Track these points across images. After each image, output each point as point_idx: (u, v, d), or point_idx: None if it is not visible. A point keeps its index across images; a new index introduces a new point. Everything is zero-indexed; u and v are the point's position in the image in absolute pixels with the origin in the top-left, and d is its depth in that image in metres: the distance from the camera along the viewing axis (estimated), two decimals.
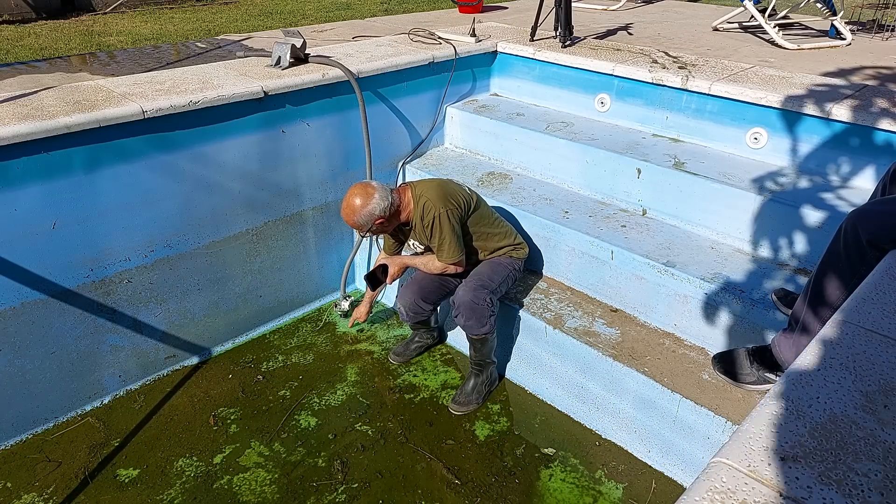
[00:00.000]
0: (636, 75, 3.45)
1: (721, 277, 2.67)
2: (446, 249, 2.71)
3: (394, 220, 2.73)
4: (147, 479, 2.57)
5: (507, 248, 2.91)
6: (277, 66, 3.21)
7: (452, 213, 2.68)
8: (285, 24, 7.74)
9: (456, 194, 2.74)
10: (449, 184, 2.80)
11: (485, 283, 2.79)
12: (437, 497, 2.50)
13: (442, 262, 2.76)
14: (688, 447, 2.51)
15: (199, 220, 3.00)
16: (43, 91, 2.77)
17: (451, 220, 2.68)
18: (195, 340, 3.21)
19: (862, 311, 1.39)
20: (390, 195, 2.65)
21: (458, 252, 2.73)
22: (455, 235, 2.70)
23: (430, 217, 2.68)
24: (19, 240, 2.50)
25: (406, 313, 2.98)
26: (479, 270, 2.86)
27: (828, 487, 0.95)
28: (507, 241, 2.91)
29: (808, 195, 2.79)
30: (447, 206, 2.67)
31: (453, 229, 2.69)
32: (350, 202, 2.61)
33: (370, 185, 2.64)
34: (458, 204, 2.72)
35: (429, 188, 2.73)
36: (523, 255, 2.97)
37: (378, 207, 2.61)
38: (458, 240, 2.73)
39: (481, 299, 2.74)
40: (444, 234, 2.68)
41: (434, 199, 2.68)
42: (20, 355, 2.66)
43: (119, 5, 9.05)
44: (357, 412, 2.92)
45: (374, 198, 2.60)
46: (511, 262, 2.91)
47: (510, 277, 2.92)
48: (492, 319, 2.79)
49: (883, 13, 5.33)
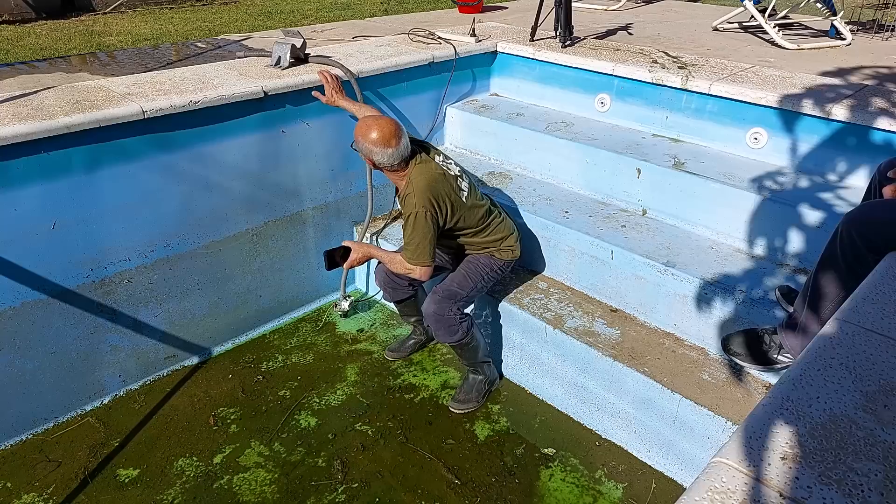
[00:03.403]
0: (636, 75, 3.45)
1: (721, 277, 2.67)
2: (413, 250, 2.54)
3: (385, 174, 2.60)
4: (147, 479, 2.57)
5: (492, 248, 2.79)
6: (277, 66, 3.21)
7: (431, 216, 2.50)
8: (285, 24, 7.74)
9: (444, 198, 2.55)
10: (443, 183, 2.57)
11: (452, 293, 2.72)
12: (437, 497, 2.50)
13: (406, 263, 2.59)
14: (688, 447, 2.51)
15: (199, 220, 3.00)
16: (43, 91, 2.77)
17: (427, 222, 2.50)
18: (195, 340, 3.21)
19: (862, 311, 1.39)
20: (399, 158, 2.48)
21: (427, 257, 2.55)
22: (427, 240, 2.52)
23: (407, 211, 2.52)
24: (19, 240, 2.50)
25: (384, 290, 3.00)
26: (452, 276, 2.79)
27: (828, 487, 0.95)
28: (494, 241, 2.78)
29: (808, 195, 2.79)
30: (428, 207, 2.49)
31: (427, 233, 2.51)
32: (370, 124, 2.46)
33: (395, 136, 2.44)
34: (441, 211, 2.55)
35: (422, 178, 2.52)
36: (510, 257, 2.83)
37: (379, 156, 2.46)
38: (430, 245, 2.54)
39: (446, 310, 2.69)
40: (416, 235, 2.51)
41: (420, 193, 2.49)
42: (20, 355, 2.66)
43: (119, 5, 9.05)
44: (357, 412, 2.92)
45: (387, 148, 2.44)
46: (490, 263, 2.79)
47: (488, 279, 2.82)
48: (463, 326, 2.73)
49: (883, 13, 5.33)
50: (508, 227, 2.85)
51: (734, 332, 2.43)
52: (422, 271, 2.59)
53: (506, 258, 2.82)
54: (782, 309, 2.45)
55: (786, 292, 2.48)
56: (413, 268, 2.58)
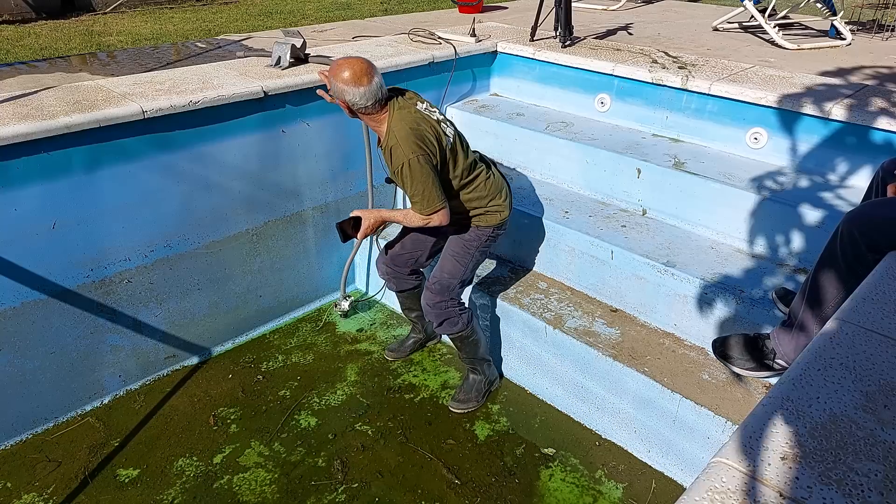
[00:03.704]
0: (636, 75, 3.45)
1: (721, 277, 2.67)
2: (421, 200, 2.40)
3: (360, 118, 2.48)
4: (147, 479, 2.57)
5: (479, 210, 2.63)
6: (277, 66, 3.21)
7: (424, 158, 2.36)
8: (285, 24, 7.74)
9: (429, 138, 2.42)
10: (425, 123, 2.43)
11: (445, 285, 2.69)
12: (437, 497, 2.50)
13: (421, 216, 2.45)
14: (688, 447, 2.51)
15: (199, 220, 3.00)
16: (43, 91, 2.77)
17: (423, 165, 2.36)
18: (195, 340, 3.21)
19: (862, 311, 1.39)
20: (373, 98, 2.35)
21: (438, 199, 2.41)
22: (431, 183, 2.39)
23: (397, 164, 2.39)
24: (19, 240, 2.50)
25: (387, 280, 3.01)
26: (441, 265, 2.74)
27: (828, 487, 0.95)
28: (479, 200, 2.62)
29: (808, 195, 2.79)
30: (418, 151, 2.36)
31: (427, 175, 2.38)
32: (341, 65, 2.33)
33: (367, 75, 2.32)
34: (432, 151, 2.41)
35: (402, 123, 2.39)
36: (495, 221, 2.66)
37: (351, 95, 2.33)
38: (436, 185, 2.40)
39: (444, 302, 2.69)
40: (417, 183, 2.37)
41: (404, 140, 2.36)
42: (20, 355, 2.66)
43: (119, 5, 9.05)
44: (357, 412, 2.92)
45: (358, 87, 2.31)
46: (477, 236, 2.67)
47: (478, 255, 2.72)
48: (463, 317, 2.73)
49: (883, 13, 5.33)
50: (496, 185, 2.67)
51: (727, 336, 2.43)
52: (440, 217, 2.46)
53: (493, 223, 2.67)
54: (779, 311, 2.45)
55: (782, 295, 2.48)
56: (430, 217, 2.46)
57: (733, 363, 2.34)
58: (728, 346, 2.38)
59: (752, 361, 2.29)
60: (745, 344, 2.32)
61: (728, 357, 2.36)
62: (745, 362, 2.31)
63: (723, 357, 2.38)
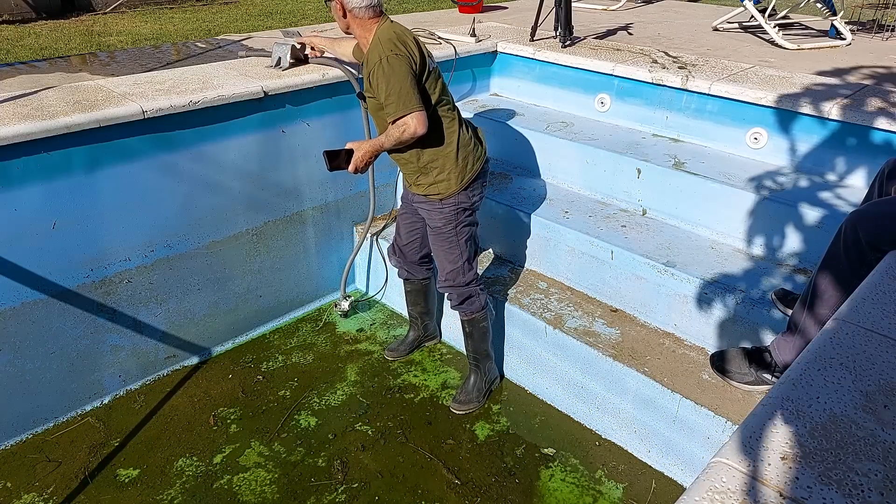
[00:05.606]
0: (636, 75, 3.45)
1: (721, 277, 2.67)
2: (395, 101, 2.21)
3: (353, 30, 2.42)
4: (147, 479, 2.57)
5: (434, 166, 2.47)
6: (277, 67, 3.20)
7: (401, 56, 2.22)
8: (285, 24, 7.74)
9: (411, 43, 2.32)
10: (408, 34, 2.36)
11: (452, 274, 2.69)
12: (437, 497, 2.50)
13: (397, 123, 2.26)
14: (688, 447, 2.51)
15: (199, 220, 3.00)
16: (43, 91, 2.77)
17: (400, 61, 2.21)
18: (195, 340, 3.21)
19: (862, 311, 1.39)
20: (368, 2, 2.31)
21: (414, 101, 2.21)
22: (408, 83, 2.21)
23: (372, 62, 2.25)
24: (19, 240, 2.50)
25: (399, 267, 3.06)
26: (439, 264, 2.76)
27: (828, 487, 0.95)
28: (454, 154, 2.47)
29: (808, 195, 2.79)
30: (395, 49, 2.23)
31: (406, 76, 2.21)
32: None
33: None
34: (410, 53, 2.26)
35: (387, 30, 2.32)
36: (455, 185, 2.50)
37: None
38: (413, 89, 2.22)
39: (460, 284, 2.72)
40: (393, 82, 2.20)
41: (384, 41, 2.25)
42: (20, 355, 2.65)
43: (119, 5, 9.05)
44: (357, 412, 2.92)
45: None
46: (456, 203, 2.53)
47: (463, 227, 2.61)
48: (482, 297, 2.78)
49: (883, 13, 5.33)
50: (467, 139, 2.57)
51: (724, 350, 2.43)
52: (416, 121, 2.25)
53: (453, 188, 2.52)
54: (779, 311, 2.45)
55: (782, 296, 2.47)
56: (406, 122, 2.25)
57: (731, 377, 2.34)
58: (726, 360, 2.38)
59: (750, 375, 2.29)
60: (744, 357, 2.32)
61: (726, 371, 2.36)
62: (744, 376, 2.31)
63: (721, 371, 2.38)
